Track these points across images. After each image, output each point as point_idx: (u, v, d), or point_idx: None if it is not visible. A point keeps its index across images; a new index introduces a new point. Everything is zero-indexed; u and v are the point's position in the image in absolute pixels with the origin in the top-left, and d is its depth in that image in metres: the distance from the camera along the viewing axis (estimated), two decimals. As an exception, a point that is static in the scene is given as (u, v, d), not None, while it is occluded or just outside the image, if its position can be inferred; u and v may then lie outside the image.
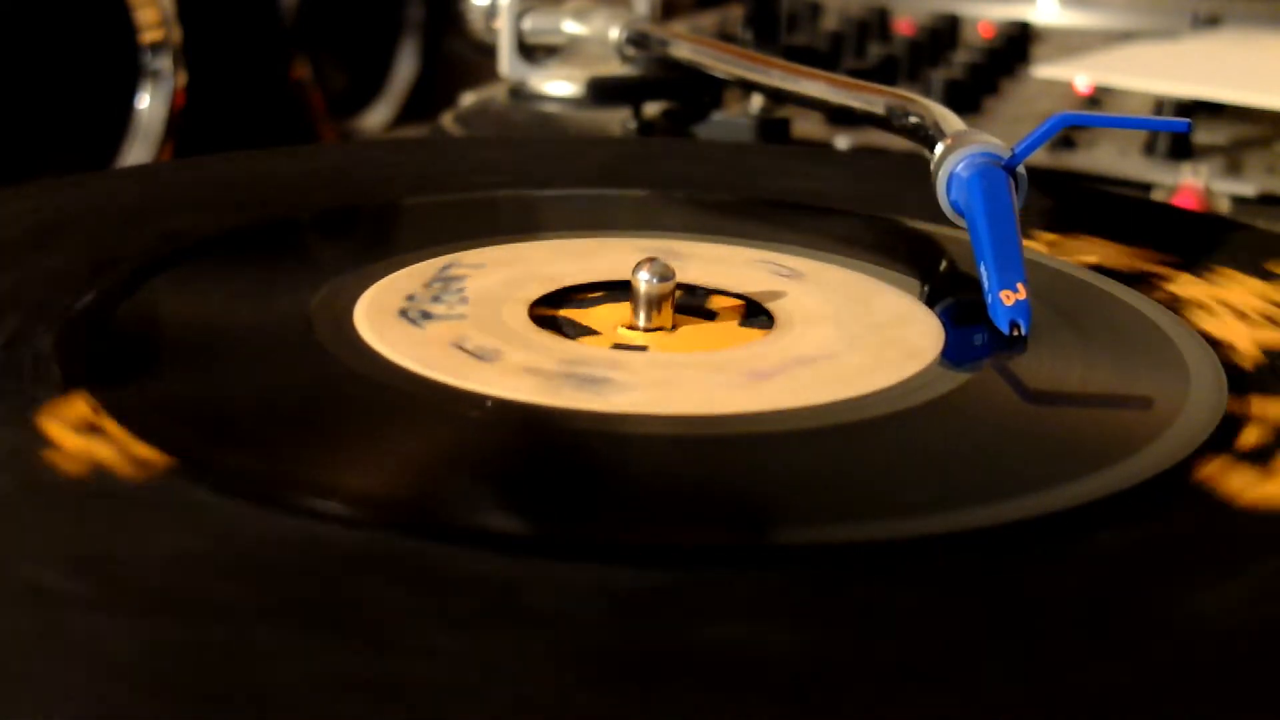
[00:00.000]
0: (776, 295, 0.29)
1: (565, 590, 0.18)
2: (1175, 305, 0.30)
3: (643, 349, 0.27)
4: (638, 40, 0.50)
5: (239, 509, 0.19)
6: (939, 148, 0.31)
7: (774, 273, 0.31)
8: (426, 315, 0.27)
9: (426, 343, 0.26)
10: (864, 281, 0.31)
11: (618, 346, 0.27)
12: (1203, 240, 0.35)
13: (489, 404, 0.24)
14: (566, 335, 0.28)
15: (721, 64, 0.46)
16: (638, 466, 0.23)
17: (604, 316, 0.29)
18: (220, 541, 0.19)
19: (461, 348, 0.26)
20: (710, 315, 0.29)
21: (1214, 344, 0.27)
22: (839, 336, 0.27)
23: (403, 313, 0.27)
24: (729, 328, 0.29)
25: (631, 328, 0.28)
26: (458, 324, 0.27)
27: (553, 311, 0.29)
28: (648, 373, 0.25)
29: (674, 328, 0.28)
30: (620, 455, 0.23)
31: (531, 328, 0.27)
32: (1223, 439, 0.23)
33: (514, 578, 0.18)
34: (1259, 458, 0.23)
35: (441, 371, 0.25)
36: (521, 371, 0.25)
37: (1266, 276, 0.31)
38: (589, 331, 0.28)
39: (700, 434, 0.23)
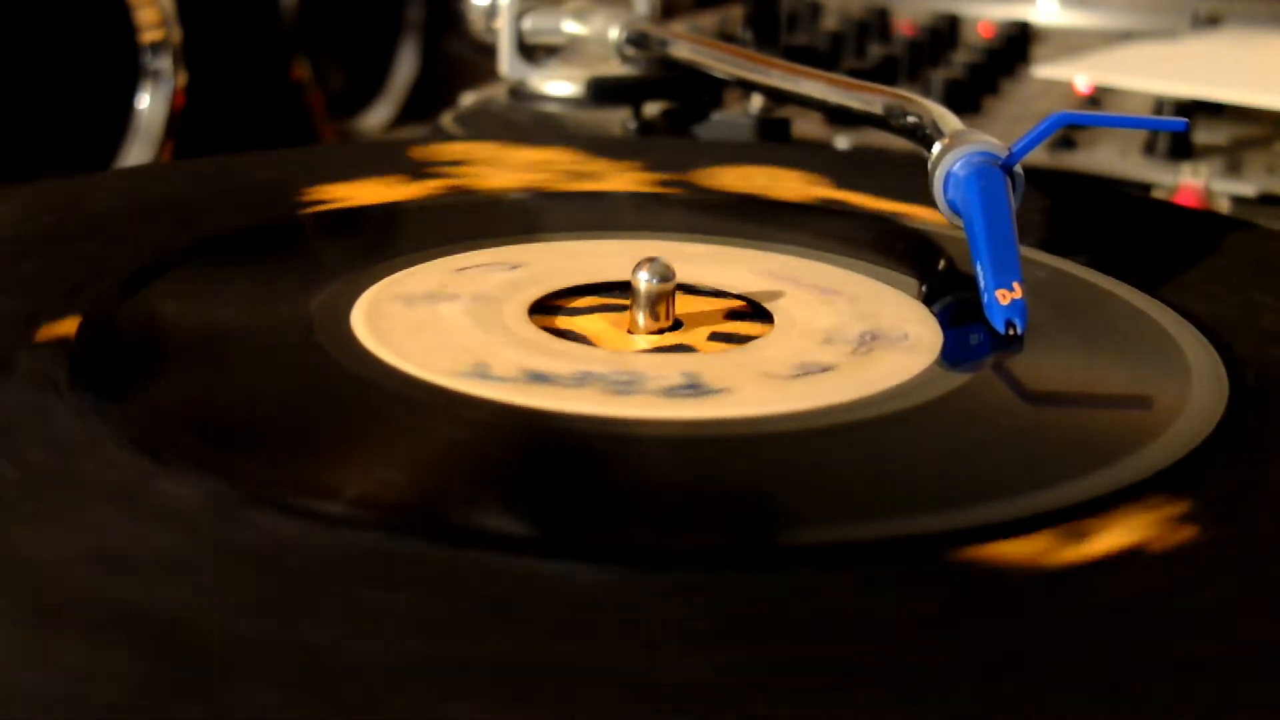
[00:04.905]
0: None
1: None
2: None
3: (638, 352, 0.27)
4: (638, 40, 0.50)
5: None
6: (936, 147, 0.31)
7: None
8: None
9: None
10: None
11: (612, 347, 0.27)
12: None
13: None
14: (566, 336, 0.28)
15: (721, 64, 0.46)
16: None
17: (603, 317, 0.29)
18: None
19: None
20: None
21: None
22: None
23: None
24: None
25: (631, 328, 0.28)
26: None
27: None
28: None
29: (672, 328, 0.28)
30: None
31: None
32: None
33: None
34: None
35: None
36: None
37: None
38: (587, 332, 0.28)
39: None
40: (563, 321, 0.28)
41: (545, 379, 0.25)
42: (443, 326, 0.27)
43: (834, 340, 0.27)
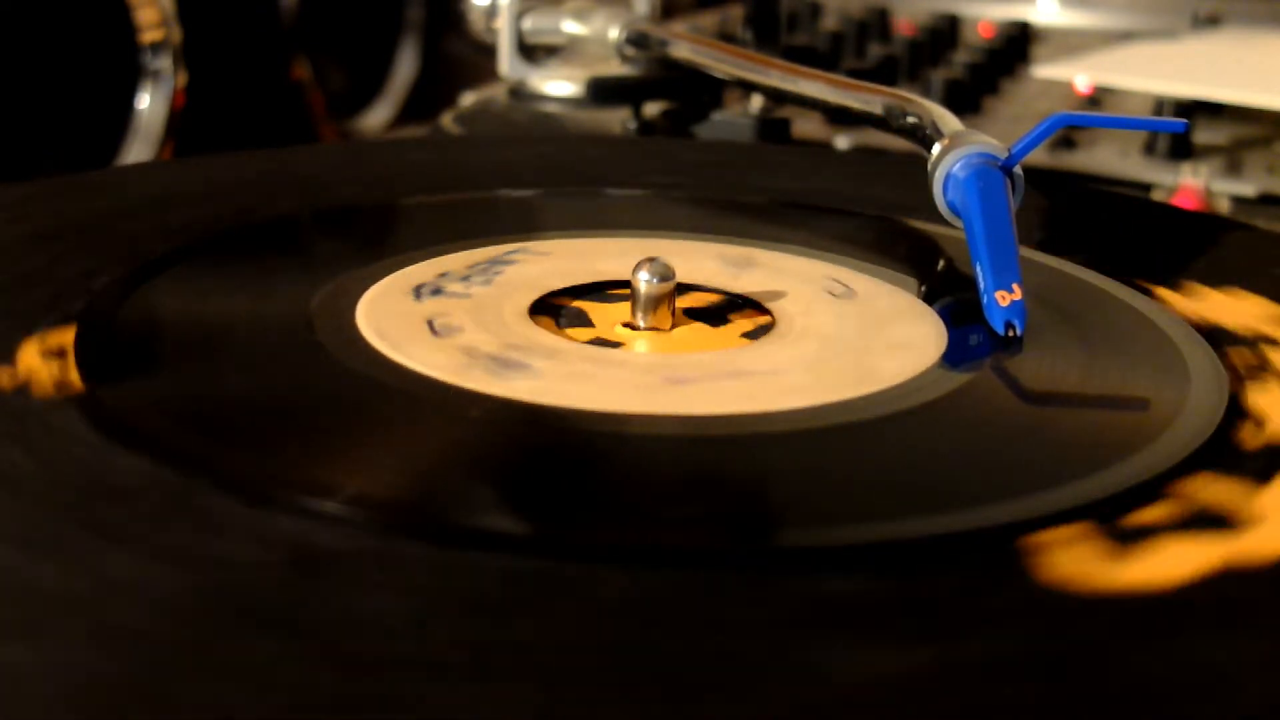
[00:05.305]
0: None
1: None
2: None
3: (641, 349, 0.27)
4: (638, 40, 0.50)
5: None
6: (936, 148, 0.31)
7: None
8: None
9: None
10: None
11: (615, 345, 0.27)
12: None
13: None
14: (566, 336, 0.28)
15: (721, 64, 0.46)
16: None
17: (602, 317, 0.29)
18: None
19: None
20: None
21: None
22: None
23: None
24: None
25: (631, 328, 0.28)
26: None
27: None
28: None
29: (672, 328, 0.28)
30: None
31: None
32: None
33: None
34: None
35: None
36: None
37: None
38: (589, 330, 0.28)
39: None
40: (562, 321, 0.28)
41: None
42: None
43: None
